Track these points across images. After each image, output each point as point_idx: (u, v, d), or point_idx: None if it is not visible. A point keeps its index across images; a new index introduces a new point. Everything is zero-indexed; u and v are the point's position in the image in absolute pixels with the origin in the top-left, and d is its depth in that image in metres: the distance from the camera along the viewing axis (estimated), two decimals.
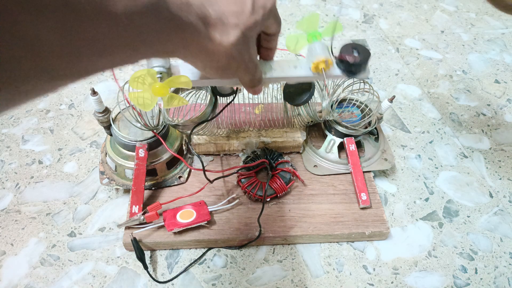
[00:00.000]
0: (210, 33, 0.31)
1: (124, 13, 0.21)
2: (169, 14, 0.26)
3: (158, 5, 0.24)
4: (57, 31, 0.18)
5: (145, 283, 0.48)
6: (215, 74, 0.35)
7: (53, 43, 0.18)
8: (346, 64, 0.46)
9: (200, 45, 0.31)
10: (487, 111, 0.74)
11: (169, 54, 0.30)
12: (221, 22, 0.31)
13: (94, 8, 0.19)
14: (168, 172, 0.56)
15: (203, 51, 0.32)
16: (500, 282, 0.50)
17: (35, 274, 0.48)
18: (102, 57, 0.22)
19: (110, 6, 0.20)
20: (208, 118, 0.50)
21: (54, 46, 0.18)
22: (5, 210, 0.55)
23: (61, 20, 0.18)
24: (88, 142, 0.64)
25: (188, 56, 0.32)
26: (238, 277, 0.49)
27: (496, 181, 0.62)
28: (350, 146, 0.58)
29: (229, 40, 0.32)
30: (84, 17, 0.19)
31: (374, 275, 0.50)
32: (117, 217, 0.54)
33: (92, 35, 0.20)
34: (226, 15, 0.32)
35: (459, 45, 0.89)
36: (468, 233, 0.55)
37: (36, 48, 0.17)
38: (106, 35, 0.21)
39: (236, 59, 0.34)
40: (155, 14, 0.24)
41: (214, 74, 0.35)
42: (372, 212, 0.54)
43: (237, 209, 0.53)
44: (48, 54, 0.18)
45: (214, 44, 0.31)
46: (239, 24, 0.32)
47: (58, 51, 0.18)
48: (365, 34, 0.91)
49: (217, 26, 0.31)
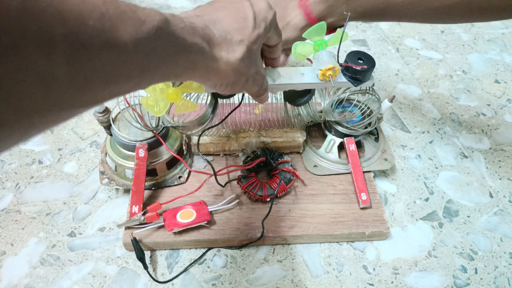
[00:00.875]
0: (216, 53, 0.31)
1: (130, 41, 0.21)
2: (173, 38, 0.26)
3: (162, 30, 0.24)
4: (67, 65, 0.18)
5: (145, 283, 0.48)
6: (225, 90, 0.36)
7: (63, 76, 0.18)
8: (352, 72, 0.47)
9: (207, 66, 0.31)
10: (487, 111, 0.74)
11: (177, 77, 0.30)
12: (225, 40, 0.32)
13: (102, 40, 0.19)
14: (168, 172, 0.56)
15: (211, 71, 0.32)
16: (500, 282, 0.50)
17: (35, 274, 0.48)
18: (110, 86, 0.22)
19: (116, 36, 0.20)
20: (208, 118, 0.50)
21: (64, 78, 0.18)
22: (5, 210, 0.55)
23: (71, 54, 0.18)
24: (88, 142, 0.64)
25: (196, 77, 0.32)
26: (238, 277, 0.49)
27: (496, 181, 0.62)
28: (350, 146, 0.58)
29: (236, 57, 0.33)
30: (93, 50, 0.19)
31: (374, 275, 0.50)
32: (117, 217, 0.54)
33: (100, 65, 0.20)
34: (230, 32, 0.32)
35: (459, 45, 0.89)
36: (468, 233, 0.55)
37: (47, 81, 0.17)
38: (113, 64, 0.21)
39: (244, 74, 0.35)
40: (160, 39, 0.24)
41: (224, 90, 0.36)
42: (372, 212, 0.54)
43: (237, 209, 0.53)
44: (58, 86, 0.18)
45: (221, 63, 0.32)
46: (243, 40, 0.33)
47: (67, 83, 0.19)
48: (365, 34, 0.91)
49: (222, 45, 0.32)
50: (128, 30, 0.21)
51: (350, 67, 0.47)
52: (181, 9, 0.94)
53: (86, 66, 0.19)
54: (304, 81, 0.46)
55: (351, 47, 0.87)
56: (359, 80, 0.47)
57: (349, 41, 0.89)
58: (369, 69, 0.46)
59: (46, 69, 0.17)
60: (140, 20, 0.22)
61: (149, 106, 0.41)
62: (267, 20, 0.36)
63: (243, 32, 0.33)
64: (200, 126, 0.51)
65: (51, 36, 0.17)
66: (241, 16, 0.34)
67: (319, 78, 0.46)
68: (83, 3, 0.19)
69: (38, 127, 0.19)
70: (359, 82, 0.48)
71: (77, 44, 0.18)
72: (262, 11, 0.35)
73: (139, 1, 0.96)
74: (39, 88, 0.17)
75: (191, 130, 0.52)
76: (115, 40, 0.20)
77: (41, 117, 0.19)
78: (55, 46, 0.17)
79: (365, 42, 0.89)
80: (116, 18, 0.20)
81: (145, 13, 0.23)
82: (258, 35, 0.34)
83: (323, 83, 0.46)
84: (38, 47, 0.16)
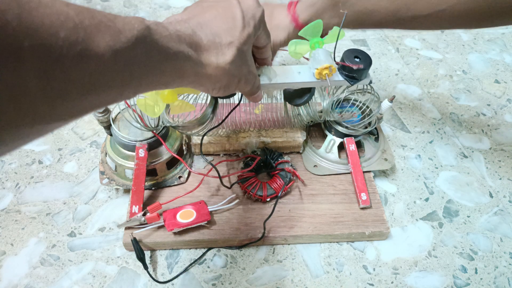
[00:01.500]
0: (205, 59, 0.31)
1: (107, 51, 0.21)
2: (157, 46, 0.25)
3: (144, 39, 0.23)
4: (38, 77, 0.18)
5: (145, 283, 0.48)
6: (218, 93, 0.35)
7: (34, 88, 0.18)
8: (349, 70, 0.47)
9: (196, 73, 0.30)
10: (487, 111, 0.74)
11: (167, 85, 0.29)
12: (214, 44, 0.31)
13: (76, 51, 0.19)
14: (168, 172, 0.56)
15: (202, 77, 0.31)
16: (500, 282, 0.50)
17: (35, 274, 0.48)
18: (88, 97, 0.21)
19: (92, 47, 0.20)
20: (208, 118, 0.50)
21: (36, 91, 0.18)
22: (5, 210, 0.55)
23: (42, 66, 0.18)
24: (88, 142, 0.64)
25: (187, 84, 0.31)
26: (238, 277, 0.49)
27: (496, 181, 0.62)
28: (350, 146, 0.58)
29: (226, 60, 0.32)
30: (66, 61, 0.19)
31: (374, 275, 0.50)
32: (117, 217, 0.54)
33: (76, 76, 0.19)
34: (219, 35, 0.31)
35: (459, 45, 0.89)
36: (468, 233, 0.55)
37: (17, 95, 0.17)
38: (91, 75, 0.20)
39: (236, 76, 0.34)
40: (142, 48, 0.23)
41: (217, 93, 0.35)
42: (372, 212, 0.54)
43: (237, 209, 0.53)
44: (30, 99, 0.18)
45: (211, 68, 0.31)
46: (233, 41, 0.32)
47: (40, 96, 0.18)
48: (365, 34, 0.91)
49: (211, 49, 0.31)
50: (105, 40, 0.20)
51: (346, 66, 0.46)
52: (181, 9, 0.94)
53: (60, 78, 0.19)
54: (300, 80, 0.46)
55: (351, 47, 0.87)
56: (356, 78, 0.47)
57: (349, 41, 0.89)
58: (365, 67, 0.46)
59: (15, 83, 0.17)
60: (118, 29, 0.22)
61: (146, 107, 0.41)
62: (255, 18, 0.35)
63: (232, 33, 0.32)
64: (200, 126, 0.51)
65: (18, 48, 0.16)
66: (229, 16, 0.33)
67: (315, 77, 0.46)
68: (55, 14, 0.18)
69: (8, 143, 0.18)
70: (355, 80, 0.47)
71: (48, 56, 0.18)
72: (250, 8, 0.34)
73: (139, 1, 0.96)
74: (8, 102, 0.17)
75: (191, 130, 0.52)
76: (90, 51, 0.20)
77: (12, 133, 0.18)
78: (24, 59, 0.17)
79: (365, 42, 0.89)
80: (92, 29, 0.20)
81: (124, 22, 0.22)
82: (248, 35, 0.33)
83: (319, 81, 0.46)
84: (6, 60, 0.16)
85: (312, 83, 0.47)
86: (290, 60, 0.82)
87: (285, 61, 0.82)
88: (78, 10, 0.20)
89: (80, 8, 0.20)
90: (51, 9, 0.18)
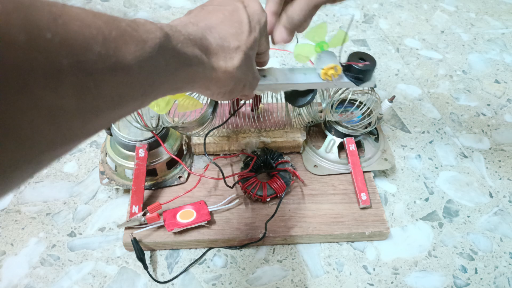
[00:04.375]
0: (213, 63, 0.30)
1: (134, 62, 0.20)
2: (174, 52, 0.25)
3: (163, 46, 0.23)
4: (75, 96, 0.17)
5: (145, 283, 0.48)
6: (223, 98, 0.35)
7: (71, 107, 0.17)
8: (354, 71, 0.47)
9: (206, 77, 0.30)
10: (487, 111, 0.74)
11: (178, 90, 0.29)
12: (222, 48, 0.31)
13: (108, 66, 0.18)
14: (168, 172, 0.56)
15: (210, 82, 0.31)
16: (500, 282, 0.50)
17: (35, 274, 0.48)
18: (116, 111, 0.21)
19: (121, 59, 0.19)
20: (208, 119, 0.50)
21: (72, 110, 0.17)
22: (5, 210, 0.55)
23: (79, 84, 0.17)
24: (88, 142, 0.64)
25: (196, 88, 0.31)
26: (238, 277, 0.49)
27: (496, 181, 0.62)
28: (350, 146, 0.58)
29: (234, 65, 0.32)
30: (99, 76, 0.18)
31: (374, 275, 0.50)
32: (117, 217, 0.54)
33: (107, 91, 0.19)
34: (227, 39, 0.31)
35: (459, 45, 0.89)
36: (468, 233, 0.55)
37: (56, 116, 0.16)
38: (120, 88, 0.20)
39: (242, 80, 0.34)
40: (162, 55, 0.23)
41: (221, 98, 0.35)
42: (372, 212, 0.54)
43: (237, 209, 0.53)
44: (67, 119, 0.17)
45: (219, 72, 0.31)
46: (240, 46, 0.32)
47: (75, 114, 0.17)
48: (365, 34, 0.91)
49: (219, 54, 0.31)
50: (132, 51, 0.20)
51: (352, 67, 0.47)
52: (181, 9, 0.94)
53: (94, 93, 0.18)
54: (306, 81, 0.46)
55: (351, 47, 0.87)
56: (361, 79, 0.48)
57: (349, 41, 0.89)
58: (370, 68, 0.47)
59: (54, 103, 0.16)
60: (142, 39, 0.21)
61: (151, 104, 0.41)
62: (261, 23, 0.34)
63: (239, 38, 0.32)
64: (200, 127, 0.51)
65: (59, 67, 0.16)
66: (236, 20, 0.32)
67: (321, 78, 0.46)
68: (87, 27, 0.17)
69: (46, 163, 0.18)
70: (360, 81, 0.48)
71: (84, 72, 0.17)
72: (256, 13, 0.34)
73: (139, 1, 0.96)
74: (48, 124, 0.16)
75: (191, 130, 0.52)
76: (120, 63, 0.19)
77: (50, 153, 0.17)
78: (63, 78, 0.16)
79: (365, 42, 0.89)
80: (119, 40, 0.19)
81: (146, 30, 0.22)
82: (254, 40, 0.33)
83: (325, 82, 0.46)
84: (47, 81, 0.15)
85: (317, 84, 0.47)
86: (290, 61, 0.82)
87: (285, 61, 0.82)
88: (105, 19, 0.19)
89: (105, 17, 0.19)
90: (82, 22, 0.17)
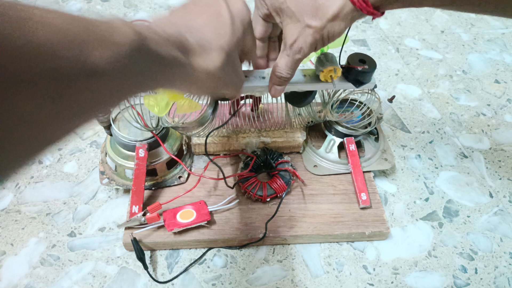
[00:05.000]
0: (193, 62, 0.30)
1: (108, 65, 0.20)
2: (150, 52, 0.25)
3: (138, 48, 0.23)
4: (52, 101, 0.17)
5: (145, 283, 0.48)
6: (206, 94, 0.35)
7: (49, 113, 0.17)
8: (354, 74, 0.47)
9: (185, 76, 0.30)
10: (487, 111, 0.74)
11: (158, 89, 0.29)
12: (202, 48, 0.30)
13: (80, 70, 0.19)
14: (168, 172, 0.56)
15: (191, 80, 0.31)
16: (500, 282, 0.50)
17: (35, 274, 0.48)
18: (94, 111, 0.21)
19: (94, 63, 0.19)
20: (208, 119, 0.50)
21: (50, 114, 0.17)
22: (5, 210, 0.55)
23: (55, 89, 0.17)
24: (88, 142, 0.64)
25: (176, 86, 0.31)
26: (238, 277, 0.49)
27: (496, 181, 0.62)
28: (350, 146, 0.58)
29: (216, 65, 0.31)
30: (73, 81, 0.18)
31: (374, 275, 0.50)
32: (117, 217, 0.54)
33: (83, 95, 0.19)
34: (208, 39, 0.31)
35: (459, 45, 0.89)
36: (468, 233, 0.55)
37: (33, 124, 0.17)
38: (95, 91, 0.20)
39: (222, 79, 0.34)
40: (137, 56, 0.23)
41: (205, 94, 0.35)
42: (372, 212, 0.54)
43: (237, 209, 0.53)
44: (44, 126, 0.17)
45: (200, 72, 0.31)
46: (222, 46, 0.32)
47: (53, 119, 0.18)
48: (365, 34, 0.91)
49: (200, 54, 0.30)
50: (105, 55, 0.20)
51: (351, 69, 0.47)
52: None
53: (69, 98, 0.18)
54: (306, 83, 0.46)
55: (351, 47, 0.87)
56: (360, 82, 0.48)
57: (349, 41, 0.89)
58: (370, 70, 0.47)
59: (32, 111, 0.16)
60: (115, 42, 0.21)
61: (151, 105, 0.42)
62: (244, 22, 0.34)
63: (222, 38, 0.32)
64: (200, 127, 0.51)
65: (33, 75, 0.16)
66: (218, 20, 0.32)
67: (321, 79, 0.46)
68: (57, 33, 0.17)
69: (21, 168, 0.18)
70: (360, 84, 0.48)
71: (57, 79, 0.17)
72: (239, 13, 0.33)
73: (139, 1, 0.96)
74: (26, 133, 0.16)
75: (191, 131, 0.52)
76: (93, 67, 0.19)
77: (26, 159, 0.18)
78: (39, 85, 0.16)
79: (365, 42, 0.89)
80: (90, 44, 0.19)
81: (120, 32, 0.22)
82: (237, 39, 0.33)
83: (324, 84, 0.46)
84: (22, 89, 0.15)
85: (317, 86, 0.47)
86: None
87: None
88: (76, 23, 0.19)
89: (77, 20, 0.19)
90: (50, 27, 0.17)
